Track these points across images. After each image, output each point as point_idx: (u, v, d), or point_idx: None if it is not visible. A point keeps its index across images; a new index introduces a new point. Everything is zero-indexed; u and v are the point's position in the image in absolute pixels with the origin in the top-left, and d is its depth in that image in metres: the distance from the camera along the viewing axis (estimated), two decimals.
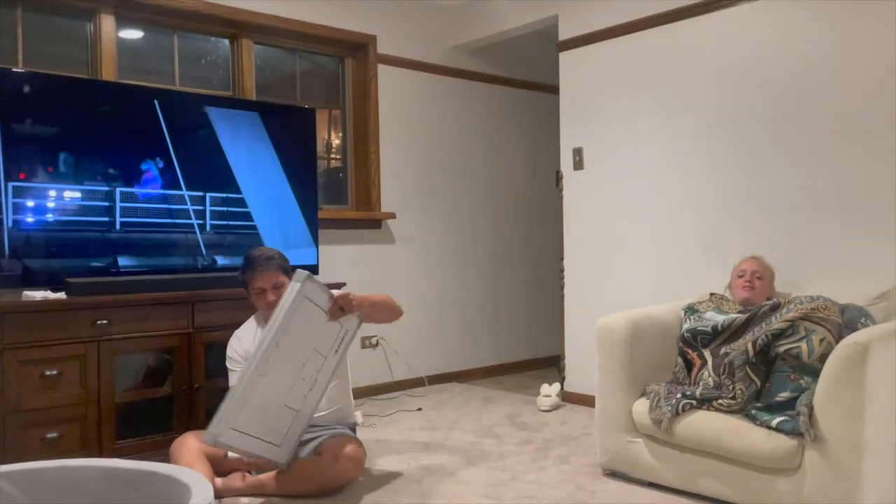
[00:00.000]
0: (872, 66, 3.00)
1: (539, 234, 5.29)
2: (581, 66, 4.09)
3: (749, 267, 2.99)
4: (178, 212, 3.37)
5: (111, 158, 3.20)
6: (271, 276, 2.75)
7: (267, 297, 2.75)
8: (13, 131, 2.94)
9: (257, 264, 2.76)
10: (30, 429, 2.77)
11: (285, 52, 4.31)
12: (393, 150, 4.54)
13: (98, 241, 3.14)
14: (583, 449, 3.20)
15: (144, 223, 3.27)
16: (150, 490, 1.64)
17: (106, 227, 3.17)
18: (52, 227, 3.03)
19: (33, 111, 3.01)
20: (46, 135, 3.06)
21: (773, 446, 2.31)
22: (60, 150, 3.07)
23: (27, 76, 3.08)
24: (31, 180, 2.98)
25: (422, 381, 4.61)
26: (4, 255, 2.92)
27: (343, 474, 2.62)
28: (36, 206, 3.00)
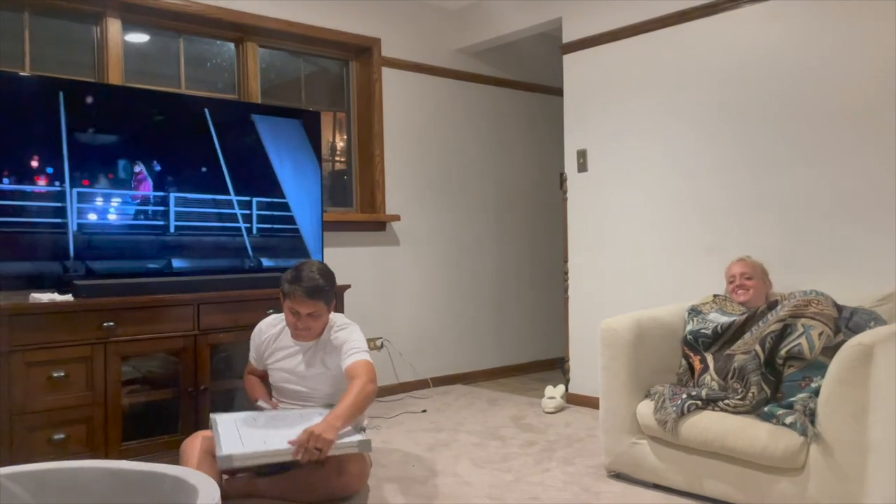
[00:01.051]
0: (879, 66, 3.00)
1: (543, 236, 5.30)
2: (585, 68, 4.10)
3: (737, 270, 3.01)
4: (227, 216, 3.52)
5: (166, 165, 3.35)
6: (312, 306, 2.64)
7: (297, 320, 2.67)
8: (77, 140, 3.10)
9: (304, 284, 2.62)
10: (36, 430, 2.79)
11: (290, 55, 4.32)
12: (397, 152, 4.56)
13: (154, 243, 3.31)
14: (587, 450, 3.20)
15: (196, 227, 3.42)
16: (157, 492, 1.65)
17: (161, 231, 3.33)
18: (112, 231, 3.19)
19: (96, 121, 3.17)
20: (107, 143, 3.21)
21: (776, 445, 2.32)
22: (120, 157, 3.23)
23: (91, 86, 3.25)
24: (94, 186, 3.14)
25: (426, 382, 4.61)
26: (69, 257, 3.05)
27: (346, 488, 2.59)
28: (98, 211, 3.16)
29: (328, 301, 2.69)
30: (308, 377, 2.76)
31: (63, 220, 3.07)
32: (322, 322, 2.72)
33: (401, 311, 4.58)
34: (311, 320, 2.67)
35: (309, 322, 2.67)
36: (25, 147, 3.00)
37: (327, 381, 2.75)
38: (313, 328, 2.70)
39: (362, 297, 4.27)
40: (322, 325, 2.74)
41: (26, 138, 3.01)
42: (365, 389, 2.52)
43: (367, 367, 2.61)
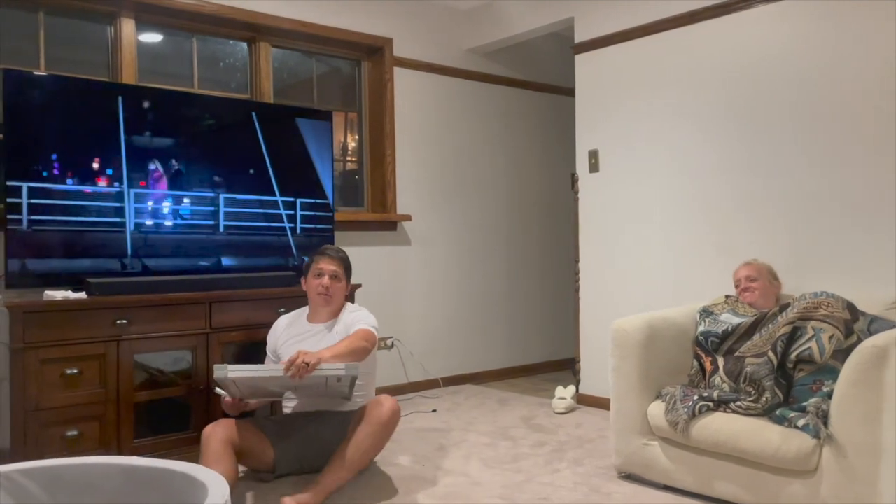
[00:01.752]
0: (890, 67, 2.98)
1: (554, 237, 5.29)
2: (597, 68, 4.09)
3: (742, 274, 3.04)
4: (273, 216, 3.66)
5: (216, 167, 3.49)
6: (334, 265, 2.94)
7: (323, 280, 2.90)
8: (133, 143, 3.24)
9: (328, 250, 2.99)
10: (50, 427, 2.81)
11: (302, 55, 4.34)
12: (408, 152, 4.56)
13: (205, 242, 3.45)
14: (598, 451, 3.19)
15: (244, 226, 3.57)
16: (169, 488, 1.66)
17: (211, 230, 3.47)
18: (166, 230, 3.34)
19: (151, 125, 3.31)
20: (162, 146, 3.34)
21: (789, 447, 2.30)
22: (173, 159, 3.36)
23: (145, 91, 3.38)
24: (149, 187, 3.29)
25: (436, 382, 4.62)
26: (127, 255, 3.20)
27: (394, 414, 2.68)
28: (153, 211, 3.30)
29: (347, 269, 2.99)
30: None
31: (122, 220, 3.21)
32: (341, 293, 2.96)
33: (411, 311, 4.58)
34: (335, 282, 2.92)
35: (333, 284, 2.91)
36: (87, 149, 3.14)
37: None
38: (335, 293, 2.93)
39: (373, 297, 4.27)
40: (341, 297, 2.97)
41: (88, 141, 3.14)
42: (358, 342, 2.69)
43: (368, 331, 2.79)
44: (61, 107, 3.08)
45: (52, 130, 3.06)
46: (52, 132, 3.05)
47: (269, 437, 2.78)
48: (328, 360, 2.51)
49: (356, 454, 2.61)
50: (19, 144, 2.98)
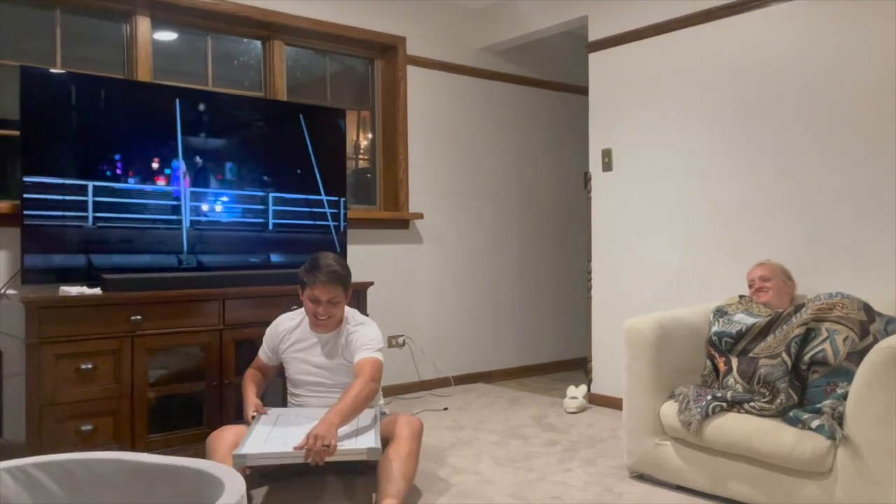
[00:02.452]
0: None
1: (567, 236, 5.28)
2: (611, 67, 4.08)
3: (755, 274, 3.02)
4: (317, 214, 3.80)
5: (265, 167, 3.64)
6: (330, 292, 2.69)
7: (318, 307, 2.72)
8: (190, 144, 3.38)
9: (323, 272, 2.68)
10: (64, 421, 2.83)
11: (316, 53, 4.35)
12: (421, 150, 4.57)
13: (256, 239, 3.60)
14: (610, 451, 3.18)
15: (291, 224, 3.72)
16: (182, 484, 1.66)
17: (261, 228, 3.61)
18: (220, 227, 3.48)
19: (208, 127, 3.47)
20: (217, 147, 3.50)
21: (803, 448, 2.29)
22: (227, 160, 3.53)
23: (204, 94, 3.58)
24: (204, 186, 3.43)
25: (448, 381, 4.62)
26: (184, 251, 3.34)
27: (414, 425, 2.57)
28: (208, 209, 3.45)
29: (346, 288, 2.75)
30: (332, 368, 2.79)
31: (178, 217, 3.34)
32: (341, 310, 2.78)
33: (423, 309, 4.59)
34: (331, 307, 2.72)
35: (330, 309, 2.72)
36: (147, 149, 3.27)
37: (349, 372, 2.77)
38: (334, 315, 2.75)
39: (385, 295, 4.29)
40: (341, 315, 2.80)
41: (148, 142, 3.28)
42: (364, 390, 2.53)
43: (373, 364, 2.64)
44: (91, 105, 3.11)
45: (74, 128, 3.09)
46: (74, 129, 3.08)
47: None
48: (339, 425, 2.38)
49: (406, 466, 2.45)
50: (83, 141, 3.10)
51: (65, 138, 3.08)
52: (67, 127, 3.08)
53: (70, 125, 3.09)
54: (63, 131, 3.07)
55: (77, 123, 3.10)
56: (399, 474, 2.42)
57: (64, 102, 3.07)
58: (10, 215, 3.10)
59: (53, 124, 3.04)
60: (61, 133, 3.07)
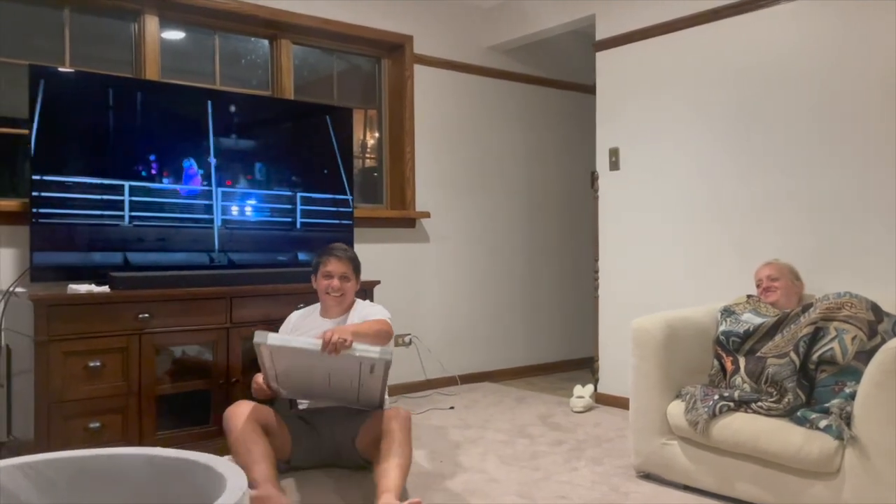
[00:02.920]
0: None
1: (574, 235, 5.27)
2: (618, 65, 4.07)
3: (763, 273, 3.02)
4: (343, 214, 3.91)
5: (293, 167, 3.75)
6: (343, 266, 2.91)
7: (332, 282, 2.89)
8: (221, 145, 3.48)
9: (336, 250, 2.94)
10: (73, 419, 2.84)
11: (323, 52, 4.35)
12: (428, 149, 4.57)
13: (284, 238, 3.71)
14: (616, 450, 3.18)
15: (318, 223, 3.84)
16: (190, 479, 1.67)
17: (290, 227, 3.72)
18: (249, 226, 3.60)
19: (237, 128, 3.57)
20: (246, 148, 3.62)
21: (811, 449, 2.28)
22: (256, 160, 3.63)
23: (232, 97, 3.66)
24: (235, 186, 3.55)
25: (454, 380, 4.62)
26: (215, 249, 3.44)
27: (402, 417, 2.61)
28: (239, 209, 3.57)
29: (356, 268, 2.97)
30: None
31: (210, 217, 3.44)
32: (351, 291, 2.96)
33: (430, 308, 4.59)
34: (344, 282, 2.91)
35: (343, 284, 2.90)
36: (154, 148, 3.31)
37: None
38: (346, 292, 2.93)
39: (392, 294, 4.28)
40: (351, 296, 2.97)
41: (155, 140, 3.31)
42: (381, 326, 2.76)
43: (385, 321, 2.82)
44: (99, 104, 3.13)
45: (82, 126, 3.10)
46: (82, 128, 3.10)
47: (289, 426, 2.79)
48: (356, 338, 2.54)
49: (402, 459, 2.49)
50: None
51: (73, 137, 3.09)
52: (76, 125, 3.10)
53: (79, 124, 3.10)
54: (72, 130, 3.09)
55: (86, 122, 3.12)
56: (394, 466, 2.45)
57: (73, 101, 3.08)
58: (19, 213, 3.12)
59: (62, 123, 3.05)
60: (70, 132, 3.08)
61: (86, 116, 3.12)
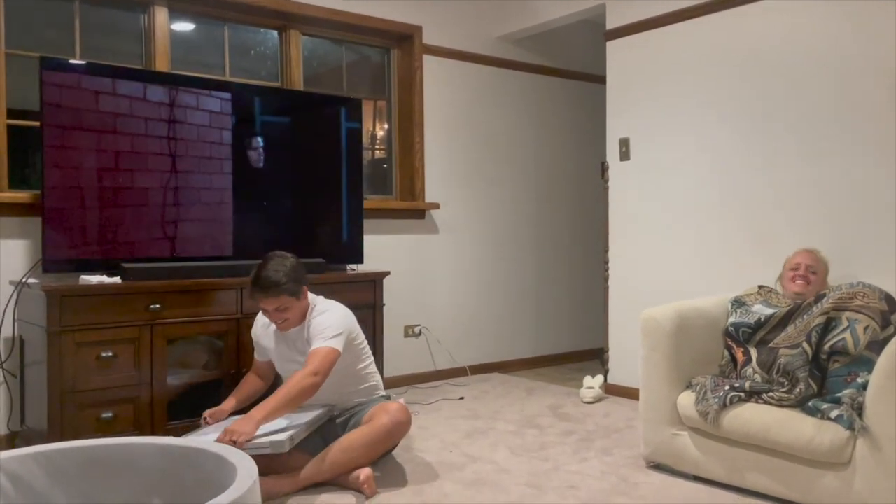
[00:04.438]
0: None
1: (584, 226, 5.26)
2: (629, 55, 4.05)
3: (804, 260, 2.88)
4: (353, 205, 3.93)
5: (303, 158, 3.76)
6: (274, 301, 2.68)
7: (270, 316, 2.75)
8: (233, 136, 3.49)
9: (261, 289, 2.68)
10: (85, 409, 2.87)
11: (332, 43, 4.35)
12: (437, 140, 4.56)
13: (295, 228, 3.77)
14: (626, 441, 3.18)
15: (328, 214, 3.87)
16: (201, 468, 1.69)
17: (300, 217, 3.77)
18: (261, 217, 3.64)
19: (249, 119, 3.58)
20: (258, 139, 3.59)
21: (822, 439, 2.27)
22: (267, 152, 3.63)
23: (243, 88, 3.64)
24: (246, 176, 3.55)
25: (464, 370, 4.62)
26: (227, 240, 3.47)
27: (397, 425, 2.66)
28: (250, 199, 3.58)
29: (292, 293, 2.69)
30: (297, 358, 2.80)
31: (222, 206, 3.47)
32: (297, 311, 2.76)
33: (439, 299, 4.59)
34: (281, 314, 2.72)
35: (281, 315, 2.72)
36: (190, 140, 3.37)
37: None
38: (289, 319, 2.75)
39: (401, 285, 4.29)
40: (299, 313, 2.77)
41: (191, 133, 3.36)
42: (300, 384, 2.55)
43: (322, 355, 2.62)
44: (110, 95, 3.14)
45: (94, 118, 3.11)
46: (94, 120, 3.11)
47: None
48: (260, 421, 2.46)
49: (343, 457, 2.57)
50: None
51: (85, 128, 3.10)
52: (87, 117, 3.10)
53: (90, 115, 3.11)
54: (83, 122, 3.09)
55: (97, 114, 3.13)
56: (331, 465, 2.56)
57: (84, 92, 3.09)
58: (31, 205, 3.14)
59: (73, 115, 3.06)
60: (81, 123, 3.09)
61: (97, 108, 3.13)
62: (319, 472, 2.57)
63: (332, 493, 2.56)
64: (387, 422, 2.64)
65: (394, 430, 2.67)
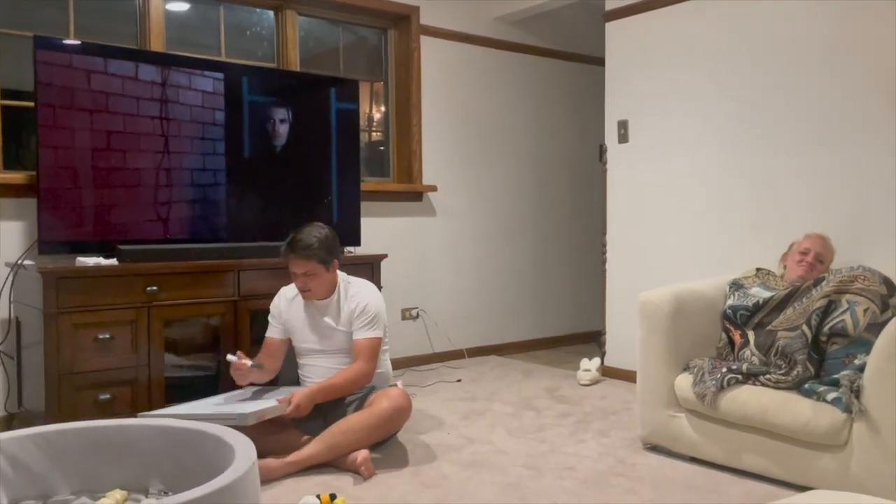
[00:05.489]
0: None
1: (582, 208, 5.25)
2: (628, 36, 4.02)
3: (814, 247, 2.85)
4: (350, 187, 3.93)
5: (300, 140, 3.72)
6: (304, 265, 2.75)
7: (296, 281, 2.80)
8: (228, 117, 3.46)
9: (294, 250, 2.75)
10: (83, 390, 2.87)
11: (329, 23, 4.31)
12: (435, 122, 4.53)
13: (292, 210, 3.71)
14: (623, 423, 3.19)
15: (325, 196, 3.87)
16: (201, 449, 1.69)
17: (297, 199, 3.76)
18: (257, 198, 3.62)
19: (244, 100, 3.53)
20: (253, 120, 3.58)
21: (819, 421, 2.28)
22: (263, 133, 3.62)
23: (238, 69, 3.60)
24: (243, 158, 3.56)
25: (461, 353, 4.63)
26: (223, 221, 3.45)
27: (398, 411, 2.69)
28: (247, 181, 3.58)
29: (322, 260, 2.76)
30: (328, 335, 2.84)
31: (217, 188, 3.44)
32: (323, 282, 2.80)
33: (437, 282, 4.59)
34: (308, 280, 2.77)
35: (307, 282, 2.77)
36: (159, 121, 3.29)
37: (342, 337, 2.84)
38: (314, 288, 2.80)
39: (399, 267, 4.29)
40: (325, 286, 2.82)
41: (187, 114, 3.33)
42: (358, 377, 2.73)
43: (370, 347, 2.78)
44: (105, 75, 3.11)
45: (88, 98, 3.08)
46: (88, 100, 3.08)
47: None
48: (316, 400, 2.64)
49: (343, 439, 2.59)
50: None
51: (79, 109, 3.07)
52: (81, 98, 3.08)
53: (85, 96, 3.08)
54: (78, 102, 3.06)
55: (92, 94, 3.10)
56: (332, 446, 2.58)
57: (78, 72, 3.06)
58: (26, 186, 3.11)
59: (68, 95, 3.04)
60: (76, 103, 3.06)
61: (90, 88, 3.10)
62: (318, 453, 2.58)
63: (330, 475, 2.56)
64: (387, 406, 2.66)
65: (394, 416, 2.69)
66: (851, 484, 2.22)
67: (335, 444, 2.58)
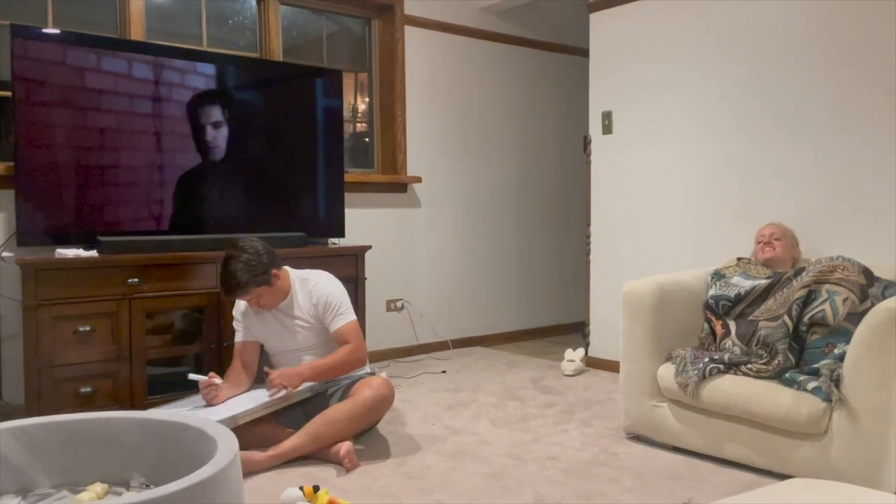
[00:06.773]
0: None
1: (566, 199, 5.26)
2: (612, 27, 4.02)
3: (766, 231, 3.04)
4: (333, 178, 3.93)
5: (282, 131, 3.71)
6: (246, 297, 2.70)
7: (250, 304, 2.78)
8: (210, 108, 3.44)
9: (229, 292, 2.69)
10: (64, 383, 2.84)
11: (312, 13, 4.27)
12: (419, 113, 4.52)
13: (274, 202, 3.74)
14: (606, 413, 3.21)
15: (308, 188, 3.87)
16: (181, 442, 1.68)
17: (280, 191, 3.75)
18: (239, 190, 3.62)
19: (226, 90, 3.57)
20: (235, 111, 3.57)
21: (799, 410, 2.30)
22: (245, 124, 3.59)
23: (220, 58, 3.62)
24: (224, 150, 3.52)
25: (446, 344, 4.63)
26: (204, 212, 3.45)
27: (380, 400, 2.68)
28: (228, 173, 3.56)
29: (260, 283, 2.67)
30: (294, 332, 2.82)
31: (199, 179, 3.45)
32: (274, 292, 2.76)
33: (421, 273, 4.58)
34: (259, 300, 2.73)
35: (259, 301, 2.74)
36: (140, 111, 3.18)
37: (311, 332, 2.83)
38: (267, 303, 2.77)
39: (383, 259, 4.28)
40: (277, 294, 2.78)
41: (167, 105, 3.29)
42: (351, 357, 2.75)
43: (352, 329, 2.78)
44: (84, 65, 3.06)
45: (67, 88, 3.04)
46: (67, 90, 3.04)
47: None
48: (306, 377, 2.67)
49: (325, 430, 2.58)
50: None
51: (58, 98, 3.03)
52: (60, 87, 3.03)
53: (63, 85, 3.04)
54: (56, 92, 3.02)
55: (70, 83, 3.06)
56: (314, 437, 2.57)
57: (56, 62, 3.02)
58: (3, 177, 3.07)
59: (46, 84, 2.99)
60: (54, 93, 3.02)
61: (70, 77, 3.06)
62: (301, 444, 2.57)
63: (314, 466, 2.56)
64: (370, 395, 2.65)
65: (377, 405, 2.68)
66: (831, 472, 2.25)
67: (318, 435, 2.58)
